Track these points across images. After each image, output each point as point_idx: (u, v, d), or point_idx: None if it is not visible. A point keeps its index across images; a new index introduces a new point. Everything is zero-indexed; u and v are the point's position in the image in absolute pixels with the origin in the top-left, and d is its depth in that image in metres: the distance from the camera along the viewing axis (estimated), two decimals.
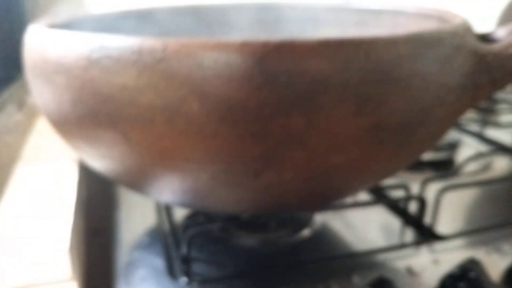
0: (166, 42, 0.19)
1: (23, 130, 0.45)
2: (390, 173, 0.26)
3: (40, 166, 0.36)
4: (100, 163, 0.25)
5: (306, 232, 0.34)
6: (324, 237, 0.34)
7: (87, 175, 0.38)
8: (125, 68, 0.19)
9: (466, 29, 0.25)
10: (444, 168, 0.45)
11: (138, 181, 0.25)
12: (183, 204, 0.27)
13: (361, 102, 0.20)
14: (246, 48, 0.19)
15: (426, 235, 0.33)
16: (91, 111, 0.21)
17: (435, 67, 0.21)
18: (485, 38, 0.28)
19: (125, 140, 0.21)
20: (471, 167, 0.44)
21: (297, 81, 0.19)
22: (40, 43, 0.23)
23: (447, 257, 0.31)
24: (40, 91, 0.24)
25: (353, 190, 0.26)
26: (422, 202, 0.34)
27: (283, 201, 0.24)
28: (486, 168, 0.44)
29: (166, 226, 0.34)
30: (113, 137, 0.21)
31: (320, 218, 0.35)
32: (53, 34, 0.22)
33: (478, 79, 0.23)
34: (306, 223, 0.35)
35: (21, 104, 0.50)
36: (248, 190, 0.22)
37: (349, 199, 0.34)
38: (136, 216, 0.35)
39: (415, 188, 0.36)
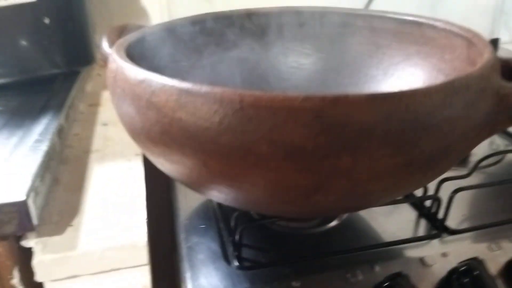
0: (243, 95, 0.23)
1: (87, 120, 0.50)
2: (416, 189, 0.29)
3: (111, 162, 0.41)
4: (171, 172, 0.29)
5: (334, 223, 0.38)
6: (350, 228, 0.38)
7: (150, 167, 0.43)
8: (208, 114, 0.23)
9: (492, 66, 0.27)
10: (460, 162, 0.48)
11: (203, 190, 0.29)
12: (239, 207, 0.32)
13: (398, 146, 0.23)
14: (307, 102, 0.22)
15: (440, 229, 0.38)
16: (177, 143, 0.25)
17: (462, 111, 0.24)
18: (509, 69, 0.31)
19: (203, 166, 0.25)
20: (485, 162, 0.47)
21: (347, 130, 0.22)
22: (131, 80, 0.27)
23: (456, 250, 0.35)
24: (127, 116, 0.28)
25: (383, 203, 0.30)
26: (438, 200, 0.38)
27: (324, 211, 0.28)
28: (499, 163, 0.47)
29: (219, 215, 0.38)
30: (193, 163, 0.26)
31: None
32: (145, 75, 0.26)
33: (499, 116, 0.27)
34: (335, 216, 0.39)
35: (82, 93, 0.54)
36: (298, 206, 0.27)
37: None
38: (193, 203, 0.40)
39: (432, 187, 0.40)
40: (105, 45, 0.38)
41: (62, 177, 0.39)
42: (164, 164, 0.29)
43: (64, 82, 0.50)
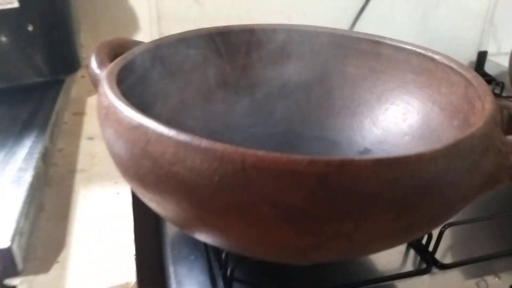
0: (244, 154, 0.22)
1: (72, 132, 0.48)
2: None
3: (97, 184, 0.39)
4: (162, 215, 0.28)
5: None
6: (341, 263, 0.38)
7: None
8: (208, 172, 0.22)
9: (494, 121, 0.27)
10: None
11: (195, 235, 0.28)
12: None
13: (401, 210, 0.23)
14: (312, 166, 0.21)
15: (429, 263, 0.38)
16: (173, 195, 0.24)
17: (466, 174, 0.24)
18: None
19: (199, 219, 0.24)
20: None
21: (352, 195, 0.22)
22: (124, 123, 0.25)
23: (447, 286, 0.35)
24: (119, 157, 0.27)
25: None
26: (429, 235, 0.38)
27: (320, 263, 0.28)
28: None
29: (209, 246, 0.37)
30: (189, 215, 0.25)
31: None
32: (140, 121, 0.24)
33: (500, 175, 0.26)
34: None
35: (67, 102, 0.52)
36: (294, 260, 0.26)
37: None
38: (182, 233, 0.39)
39: None
40: (94, 65, 0.36)
41: (46, 202, 0.37)
42: (155, 208, 0.27)
43: (48, 91, 0.47)
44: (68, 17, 0.50)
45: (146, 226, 0.40)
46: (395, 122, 0.43)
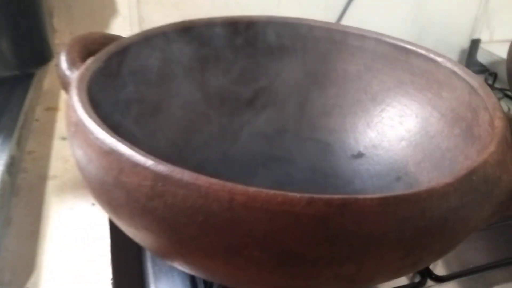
0: (233, 191, 0.19)
1: (44, 131, 0.44)
2: None
3: (71, 194, 0.36)
4: (140, 243, 0.25)
5: None
6: None
7: None
8: (191, 210, 0.19)
9: (506, 142, 0.24)
10: None
11: (178, 266, 0.25)
12: None
13: (408, 250, 0.20)
14: (311, 207, 0.18)
15: (424, 276, 0.36)
16: (151, 231, 0.21)
17: (478, 207, 0.22)
18: None
19: (180, 257, 0.21)
20: None
21: (355, 237, 0.19)
22: (94, 147, 0.22)
23: None
24: (89, 181, 0.23)
25: None
26: None
27: None
28: None
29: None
30: (168, 250, 0.22)
31: None
32: (112, 145, 0.21)
33: (510, 204, 0.24)
34: None
35: (38, 97, 0.47)
36: None
37: None
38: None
39: None
40: (64, 65, 0.32)
41: (15, 214, 0.33)
42: (132, 238, 0.24)
43: (16, 88, 0.43)
44: (37, 1, 0.45)
45: (125, 241, 0.37)
46: (391, 125, 0.40)
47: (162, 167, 0.20)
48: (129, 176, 0.20)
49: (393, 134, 0.40)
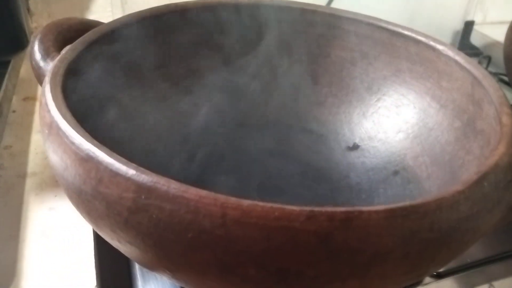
0: (225, 206, 0.17)
1: (21, 123, 0.41)
2: None
3: (51, 192, 0.34)
4: (125, 254, 0.23)
5: None
6: None
7: None
8: (179, 226, 0.17)
9: None
10: None
11: (167, 279, 0.24)
12: None
13: (415, 264, 0.19)
14: (311, 223, 0.17)
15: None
16: (135, 246, 0.19)
17: (487, 215, 0.20)
18: None
19: (171, 274, 0.20)
20: None
21: (359, 254, 0.17)
22: (70, 152, 0.20)
23: None
24: (66, 188, 0.21)
25: None
26: None
27: None
28: None
29: None
30: (154, 265, 0.20)
31: None
32: (89, 150, 0.19)
33: None
34: None
35: (13, 87, 0.44)
36: None
37: None
38: None
39: None
40: (37, 56, 0.29)
41: None
42: (117, 247, 0.23)
43: None
44: None
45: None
46: (387, 116, 0.38)
47: (145, 177, 0.18)
48: (109, 186, 0.18)
49: (390, 125, 0.38)
